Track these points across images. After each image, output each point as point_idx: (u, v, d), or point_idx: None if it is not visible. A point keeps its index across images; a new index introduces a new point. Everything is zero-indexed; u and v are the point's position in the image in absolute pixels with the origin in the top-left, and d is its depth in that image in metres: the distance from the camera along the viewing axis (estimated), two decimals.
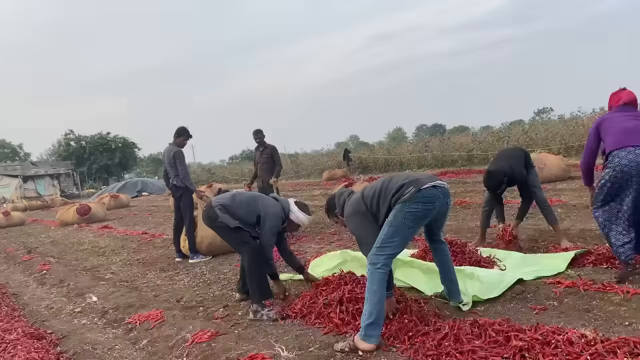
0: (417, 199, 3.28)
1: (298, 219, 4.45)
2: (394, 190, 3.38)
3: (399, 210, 3.30)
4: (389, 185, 3.46)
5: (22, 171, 40.83)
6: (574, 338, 2.66)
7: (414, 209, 3.28)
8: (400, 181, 3.41)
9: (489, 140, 23.86)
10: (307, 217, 4.52)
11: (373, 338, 3.13)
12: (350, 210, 3.62)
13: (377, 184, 3.59)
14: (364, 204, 3.54)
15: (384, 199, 3.43)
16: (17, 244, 12.10)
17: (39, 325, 4.78)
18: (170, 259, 7.32)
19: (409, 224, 3.29)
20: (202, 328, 3.87)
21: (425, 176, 3.47)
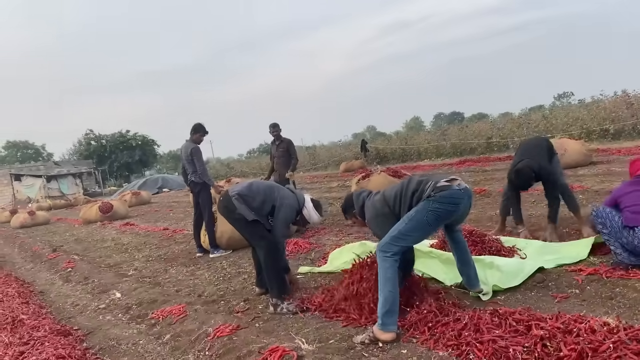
0: (441, 199, 3.29)
1: (309, 216, 4.46)
2: (413, 188, 3.42)
3: (422, 207, 3.31)
4: (409, 185, 3.48)
5: (45, 171, 41.62)
6: (596, 326, 2.63)
7: (436, 208, 3.29)
8: (419, 179, 3.47)
9: (509, 127, 23.55)
10: (319, 217, 4.53)
11: (391, 326, 3.14)
12: (373, 212, 3.65)
13: (398, 185, 3.61)
14: (386, 205, 3.55)
15: (405, 197, 3.45)
16: (43, 242, 12.36)
17: (66, 322, 4.90)
18: (191, 254, 7.41)
19: (430, 221, 3.31)
20: (223, 322, 3.91)
21: (444, 174, 3.54)
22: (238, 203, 4.28)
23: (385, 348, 3.08)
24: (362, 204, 3.78)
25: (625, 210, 3.85)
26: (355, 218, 3.94)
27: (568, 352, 2.47)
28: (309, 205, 4.44)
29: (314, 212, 4.46)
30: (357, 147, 30.33)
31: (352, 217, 3.97)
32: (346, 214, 4.02)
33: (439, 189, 3.31)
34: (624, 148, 13.79)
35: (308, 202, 4.45)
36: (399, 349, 3.03)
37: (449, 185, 3.32)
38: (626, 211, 3.83)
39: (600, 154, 12.74)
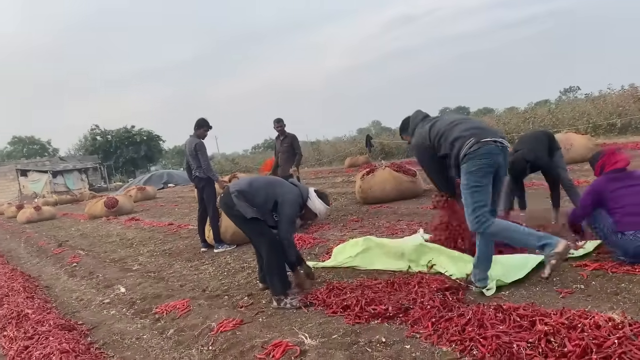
0: (477, 156, 3.43)
1: (315, 208, 4.35)
2: (455, 135, 3.53)
3: (466, 172, 3.47)
4: (452, 131, 3.58)
5: (51, 166, 41.82)
6: (601, 322, 2.61)
7: (477, 166, 3.44)
8: (463, 130, 3.55)
9: (514, 121, 23.46)
10: (326, 207, 4.42)
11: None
12: (414, 142, 3.84)
13: (443, 122, 3.71)
14: (428, 138, 3.66)
15: (445, 140, 3.57)
16: (48, 237, 12.42)
17: (70, 317, 4.92)
18: (195, 249, 7.42)
19: (480, 180, 3.46)
20: (227, 317, 3.92)
21: (489, 130, 3.60)
22: (237, 200, 4.23)
23: (388, 343, 3.07)
24: (414, 128, 3.89)
25: (615, 213, 3.82)
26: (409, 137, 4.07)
27: (572, 348, 2.45)
28: (313, 196, 4.35)
29: (319, 203, 4.35)
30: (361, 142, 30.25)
31: (407, 137, 4.13)
32: (402, 133, 4.20)
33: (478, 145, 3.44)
34: (631, 142, 13.69)
35: (312, 194, 4.36)
36: (402, 345, 3.02)
37: (486, 142, 3.45)
38: (617, 215, 3.80)
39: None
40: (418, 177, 9.88)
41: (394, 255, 4.80)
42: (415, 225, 6.55)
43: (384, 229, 6.72)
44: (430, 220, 6.71)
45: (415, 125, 3.88)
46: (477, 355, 2.70)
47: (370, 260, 4.89)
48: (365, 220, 7.78)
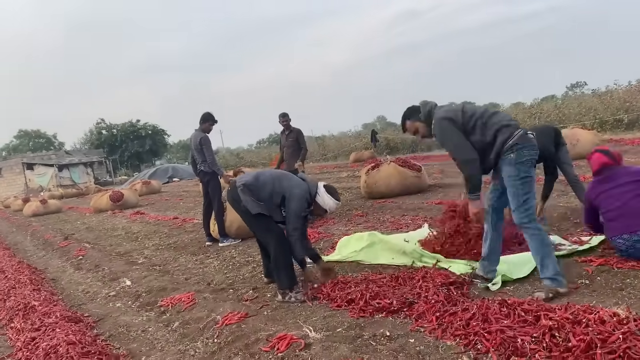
0: (527, 147, 3.42)
1: (325, 203, 4.21)
2: (499, 125, 3.45)
3: (516, 162, 3.40)
4: (492, 118, 3.51)
5: (57, 160, 41.98)
6: (605, 317, 2.60)
7: (527, 157, 3.42)
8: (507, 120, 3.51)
9: (520, 116, 23.29)
10: (335, 202, 4.27)
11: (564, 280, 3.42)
12: (442, 114, 3.56)
13: (477, 108, 3.65)
14: (461, 117, 3.52)
15: (483, 126, 3.48)
16: (55, 230, 12.50)
17: (76, 309, 4.95)
18: (200, 243, 7.45)
19: (530, 172, 3.43)
20: (232, 310, 3.94)
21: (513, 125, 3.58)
22: (243, 195, 4.19)
23: (393, 337, 3.08)
24: (429, 110, 3.68)
25: (604, 218, 3.88)
26: (419, 122, 3.77)
27: (577, 343, 2.45)
28: (322, 191, 4.21)
29: (328, 198, 4.21)
30: (367, 137, 30.20)
31: (415, 123, 3.79)
32: (409, 119, 3.80)
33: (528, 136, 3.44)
34: (638, 138, 13.61)
35: (321, 189, 4.23)
36: (407, 338, 3.03)
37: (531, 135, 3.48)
38: (604, 219, 3.86)
39: (612, 143, 12.58)
40: (423, 172, 9.86)
41: (397, 251, 4.80)
42: (420, 220, 6.55)
43: (389, 224, 6.72)
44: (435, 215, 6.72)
45: (430, 108, 3.69)
46: (482, 350, 2.70)
47: (375, 254, 4.90)
48: (370, 215, 7.79)
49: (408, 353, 2.85)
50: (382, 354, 2.87)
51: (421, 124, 3.75)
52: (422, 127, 3.76)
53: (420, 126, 3.77)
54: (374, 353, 2.88)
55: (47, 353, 3.45)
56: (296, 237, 4.14)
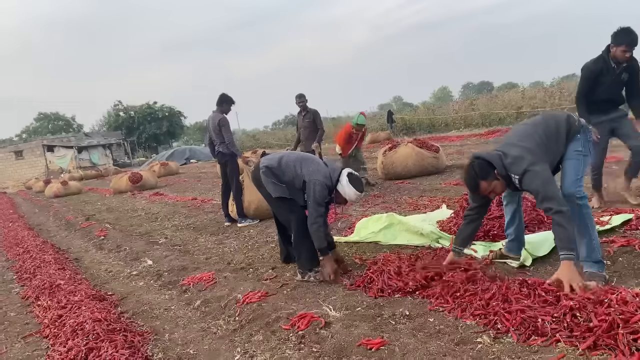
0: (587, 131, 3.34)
1: (345, 193, 4.03)
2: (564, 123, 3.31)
3: (583, 139, 3.31)
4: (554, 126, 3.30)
5: (76, 142, 42.57)
6: (628, 297, 2.59)
7: (590, 137, 3.35)
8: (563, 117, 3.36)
9: (539, 96, 22.94)
10: (357, 193, 4.03)
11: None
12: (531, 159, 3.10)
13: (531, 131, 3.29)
14: (538, 153, 3.19)
15: (558, 137, 3.28)
16: (76, 211, 12.72)
17: (100, 288, 5.06)
18: (219, 224, 7.53)
19: (590, 151, 3.37)
20: (252, 289, 3.99)
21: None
22: (265, 177, 4.19)
23: (412, 316, 3.10)
24: (501, 162, 3.20)
25: None
26: (496, 181, 3.23)
27: (598, 323, 2.44)
28: (344, 181, 4.00)
29: (349, 189, 3.99)
30: (383, 118, 30.03)
31: (493, 182, 3.23)
32: (485, 179, 3.22)
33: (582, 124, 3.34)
34: None
35: (343, 178, 4.01)
36: (426, 317, 3.05)
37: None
38: None
39: None
40: (441, 153, 9.80)
41: (415, 232, 4.81)
42: (438, 201, 6.53)
43: (407, 205, 6.71)
44: (453, 196, 6.70)
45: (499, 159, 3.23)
46: (502, 329, 2.71)
47: (393, 235, 4.92)
48: (387, 196, 7.78)
49: (427, 332, 2.87)
50: (402, 332, 2.90)
51: (499, 182, 3.24)
52: (500, 185, 3.27)
53: (498, 185, 3.26)
54: (394, 332, 2.91)
55: (74, 330, 3.55)
56: (318, 225, 4.03)
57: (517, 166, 3.13)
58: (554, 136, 3.27)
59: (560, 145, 3.28)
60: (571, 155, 3.30)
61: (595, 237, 3.27)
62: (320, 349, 2.86)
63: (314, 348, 2.89)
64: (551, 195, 3.02)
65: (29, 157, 40.58)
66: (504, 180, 3.23)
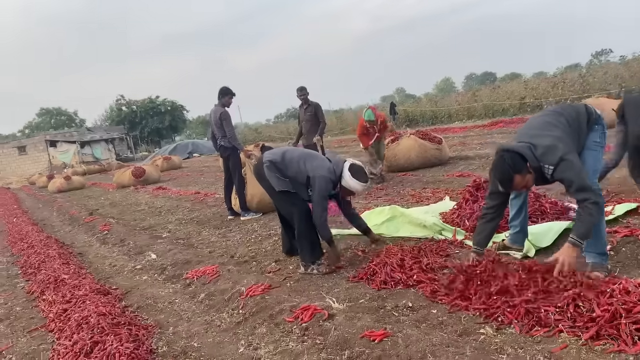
0: (602, 120, 3.31)
1: (349, 186, 4.07)
2: (584, 113, 3.29)
3: (601, 130, 3.30)
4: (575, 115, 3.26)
5: (79, 137, 42.56)
6: (630, 287, 2.59)
7: (604, 129, 3.32)
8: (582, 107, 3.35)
9: (542, 86, 22.83)
10: (360, 184, 4.07)
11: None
12: (565, 149, 2.99)
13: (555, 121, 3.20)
14: (569, 141, 3.11)
15: (580, 126, 3.23)
16: (79, 206, 12.76)
17: (104, 282, 5.09)
18: (222, 217, 7.55)
19: (605, 142, 3.35)
20: (255, 282, 4.00)
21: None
22: (268, 171, 4.20)
23: (415, 308, 3.12)
24: (532, 153, 3.07)
25: None
26: (529, 175, 3.10)
27: (601, 313, 2.45)
28: (347, 174, 4.04)
29: (353, 182, 4.03)
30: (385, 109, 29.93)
31: (526, 176, 3.10)
32: (520, 172, 3.07)
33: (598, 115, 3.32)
34: None
35: (345, 171, 4.05)
36: (429, 309, 3.06)
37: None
38: None
39: None
40: (444, 145, 9.78)
41: (418, 225, 4.81)
42: (441, 193, 6.52)
43: (409, 197, 6.71)
44: (456, 187, 6.68)
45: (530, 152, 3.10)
46: (505, 321, 2.72)
47: (396, 227, 4.92)
48: (390, 188, 7.78)
49: (430, 323, 2.88)
50: (405, 324, 2.91)
51: (531, 175, 3.11)
52: (531, 178, 3.15)
53: (530, 178, 3.14)
54: (397, 323, 2.92)
55: (79, 324, 3.57)
56: (323, 219, 4.10)
57: (551, 156, 3.00)
58: (576, 125, 3.21)
59: (582, 134, 3.24)
60: (590, 146, 3.25)
61: (604, 229, 3.23)
62: (323, 341, 2.87)
63: (317, 340, 2.90)
64: (588, 186, 2.92)
65: (32, 153, 40.65)
66: (534, 172, 3.11)
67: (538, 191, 4.82)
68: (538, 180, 3.18)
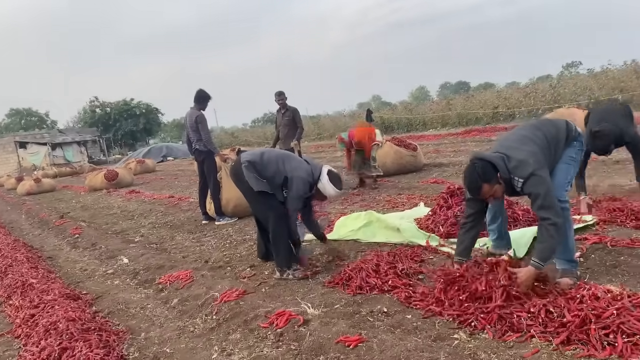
0: (581, 137, 3.38)
1: (325, 190, 4.13)
2: (564, 130, 3.32)
3: (579, 147, 3.36)
4: (554, 131, 3.29)
5: (50, 139, 41.65)
6: (599, 293, 2.65)
7: (582, 146, 3.40)
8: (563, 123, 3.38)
9: (515, 96, 23.29)
10: (336, 190, 4.16)
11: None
12: (536, 165, 3.03)
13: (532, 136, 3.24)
14: (541, 157, 3.15)
15: (558, 142, 3.27)
16: (50, 209, 12.46)
17: (74, 287, 4.97)
18: (197, 222, 7.46)
19: (580, 159, 3.46)
20: (230, 287, 3.97)
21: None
22: (247, 171, 4.16)
23: (390, 313, 3.13)
24: (505, 165, 3.10)
25: None
26: (498, 185, 3.13)
27: (572, 318, 2.50)
28: (325, 178, 4.10)
29: (329, 186, 4.10)
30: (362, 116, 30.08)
31: (495, 186, 3.13)
32: (489, 182, 3.10)
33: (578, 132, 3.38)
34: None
35: (324, 176, 4.11)
36: (404, 315, 3.08)
37: None
38: None
39: None
40: (419, 151, 9.88)
41: (393, 230, 4.84)
42: (416, 199, 6.58)
43: (385, 203, 6.75)
44: (431, 194, 6.75)
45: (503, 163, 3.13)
46: (478, 326, 2.75)
47: (372, 233, 4.94)
48: (366, 194, 7.81)
49: (405, 329, 2.89)
50: (380, 329, 2.91)
51: (500, 186, 3.14)
52: (500, 189, 3.17)
53: (499, 188, 3.16)
54: (372, 329, 2.93)
55: (47, 329, 3.47)
56: (294, 219, 4.17)
57: (522, 169, 3.04)
58: (554, 142, 3.26)
59: (560, 150, 3.29)
60: (565, 160, 3.31)
61: (572, 237, 3.29)
62: (298, 346, 2.86)
63: (292, 346, 2.88)
64: (551, 205, 2.98)
65: (1, 154, 39.60)
66: (504, 183, 3.15)
67: (511, 198, 4.90)
68: (509, 191, 3.23)
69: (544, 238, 2.99)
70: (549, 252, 2.98)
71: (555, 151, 3.26)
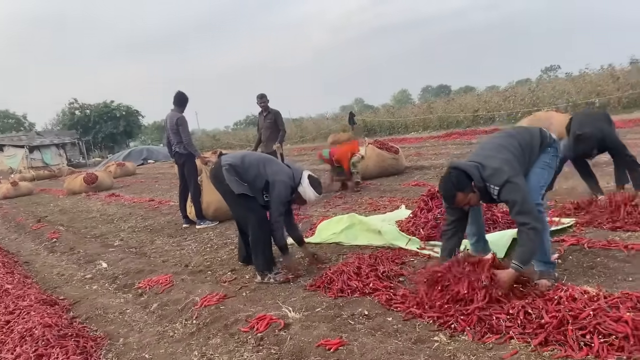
0: (556, 144, 3.40)
1: (305, 194, 4.14)
2: (538, 137, 3.35)
3: (553, 153, 3.38)
4: (528, 138, 3.34)
5: (27, 141, 40.89)
6: (576, 294, 2.69)
7: (557, 153, 3.42)
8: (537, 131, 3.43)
9: (495, 100, 23.62)
10: (316, 195, 4.20)
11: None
12: (511, 172, 3.08)
13: (506, 143, 3.29)
14: (515, 164, 3.19)
15: (532, 149, 3.31)
16: (27, 213, 12.23)
17: (51, 292, 4.88)
18: (177, 226, 7.39)
19: (555, 165, 3.47)
20: (210, 291, 3.93)
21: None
22: (228, 174, 4.12)
23: (371, 316, 3.13)
24: (479, 174, 3.15)
25: None
26: (472, 194, 3.18)
27: (549, 320, 2.53)
28: (305, 182, 4.13)
29: (310, 190, 4.12)
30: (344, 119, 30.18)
31: (469, 195, 3.18)
32: (463, 191, 3.15)
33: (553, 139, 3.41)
34: None
35: (305, 180, 4.14)
36: (384, 317, 3.08)
37: None
38: None
39: None
40: (400, 154, 9.94)
41: (374, 232, 4.86)
42: (397, 202, 6.61)
43: (367, 205, 6.77)
44: (412, 196, 6.79)
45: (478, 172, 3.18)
46: (458, 328, 2.77)
47: (354, 235, 4.95)
48: (348, 196, 7.82)
49: (386, 331, 2.90)
50: (361, 332, 2.92)
51: (475, 194, 3.20)
52: (475, 197, 3.23)
53: (474, 197, 3.21)
54: (353, 332, 2.93)
55: (23, 336, 3.40)
56: (279, 224, 4.12)
57: (497, 178, 3.09)
58: (529, 149, 3.31)
59: (534, 157, 3.34)
60: (539, 165, 3.36)
61: (548, 240, 3.33)
62: (279, 350, 2.84)
63: (272, 350, 2.87)
64: (529, 210, 3.03)
65: None
66: (479, 192, 3.19)
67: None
68: (485, 198, 3.27)
69: (524, 242, 3.05)
70: (529, 254, 3.04)
71: (530, 157, 3.31)
